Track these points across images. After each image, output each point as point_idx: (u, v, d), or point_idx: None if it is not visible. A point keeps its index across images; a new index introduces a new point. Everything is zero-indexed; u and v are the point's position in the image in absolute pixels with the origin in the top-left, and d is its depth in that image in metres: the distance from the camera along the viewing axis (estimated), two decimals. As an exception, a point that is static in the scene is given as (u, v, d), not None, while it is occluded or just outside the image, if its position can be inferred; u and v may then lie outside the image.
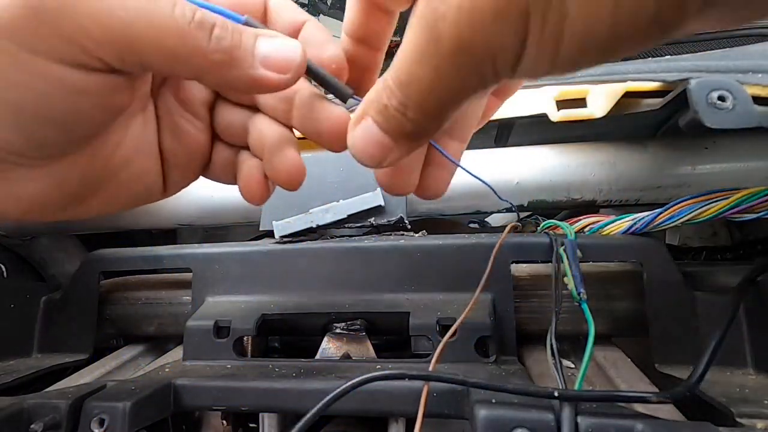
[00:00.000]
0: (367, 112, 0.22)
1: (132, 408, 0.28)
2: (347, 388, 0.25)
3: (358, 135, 0.22)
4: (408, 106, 0.20)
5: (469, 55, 0.17)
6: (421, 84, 0.19)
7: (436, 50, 0.17)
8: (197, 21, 0.22)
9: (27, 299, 0.45)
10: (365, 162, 0.23)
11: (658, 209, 0.37)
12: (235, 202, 0.51)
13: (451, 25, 0.17)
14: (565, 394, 0.24)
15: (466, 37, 0.17)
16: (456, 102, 0.20)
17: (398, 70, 0.19)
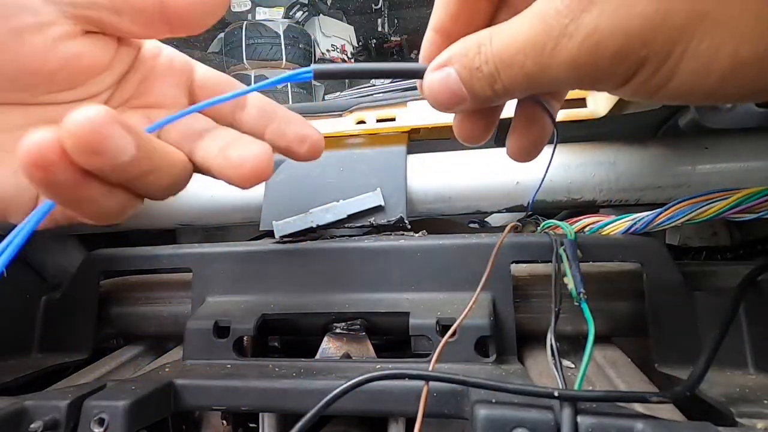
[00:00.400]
0: (452, 62, 0.23)
1: (132, 408, 0.28)
2: (347, 388, 0.25)
3: (436, 79, 0.24)
4: (498, 79, 0.22)
5: (577, 71, 0.19)
6: (522, 69, 0.20)
7: (549, 55, 0.19)
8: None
9: (27, 299, 0.45)
10: (435, 105, 0.25)
11: (658, 209, 0.37)
12: (235, 202, 0.51)
13: (573, 46, 0.19)
14: (565, 394, 0.24)
15: (582, 60, 0.19)
16: (546, 90, 0.22)
17: (502, 47, 0.21)
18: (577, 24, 0.18)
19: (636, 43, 0.18)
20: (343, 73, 0.28)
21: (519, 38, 0.20)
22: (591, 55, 0.18)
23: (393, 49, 5.25)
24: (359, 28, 4.86)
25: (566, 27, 0.19)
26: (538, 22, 0.20)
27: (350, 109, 0.53)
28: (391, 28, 5.06)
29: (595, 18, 0.18)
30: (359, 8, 4.75)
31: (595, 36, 0.18)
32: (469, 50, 0.23)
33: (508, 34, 0.21)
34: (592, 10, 0.18)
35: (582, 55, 0.19)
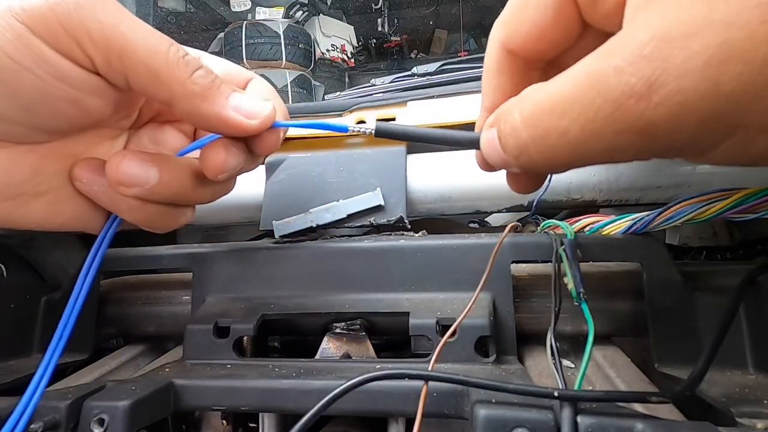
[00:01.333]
0: (496, 124, 0.22)
1: (132, 408, 0.28)
2: (347, 388, 0.25)
3: (486, 141, 0.23)
4: (526, 151, 0.19)
5: (647, 138, 0.17)
6: (564, 137, 0.18)
7: (604, 119, 0.17)
8: (185, 60, 0.26)
9: (27, 299, 0.45)
10: (492, 163, 0.24)
11: (658, 209, 0.37)
12: (235, 201, 0.51)
13: (646, 109, 0.16)
14: (565, 393, 0.24)
15: (657, 126, 0.16)
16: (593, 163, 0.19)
17: (535, 115, 0.18)
18: (649, 84, 0.15)
19: (732, 106, 0.15)
20: (404, 135, 0.29)
21: (560, 101, 0.17)
22: (671, 118, 0.16)
23: (393, 48, 5.26)
24: (359, 27, 4.86)
25: (633, 87, 0.16)
26: (589, 81, 0.17)
27: (350, 108, 0.53)
28: (391, 28, 5.06)
29: (676, 77, 0.15)
30: (359, 8, 4.74)
31: (678, 97, 0.15)
32: (504, 114, 0.21)
33: (544, 97, 0.18)
34: (669, 68, 0.15)
35: (658, 118, 0.16)
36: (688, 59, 0.15)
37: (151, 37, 0.24)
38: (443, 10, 4.83)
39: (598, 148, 0.18)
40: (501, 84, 0.24)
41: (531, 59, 0.23)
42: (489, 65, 0.24)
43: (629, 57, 0.16)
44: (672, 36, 0.15)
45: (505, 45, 0.23)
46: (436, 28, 5.18)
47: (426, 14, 4.94)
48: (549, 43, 0.22)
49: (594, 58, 0.17)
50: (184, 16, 4.06)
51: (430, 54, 5.38)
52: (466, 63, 1.07)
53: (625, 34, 0.17)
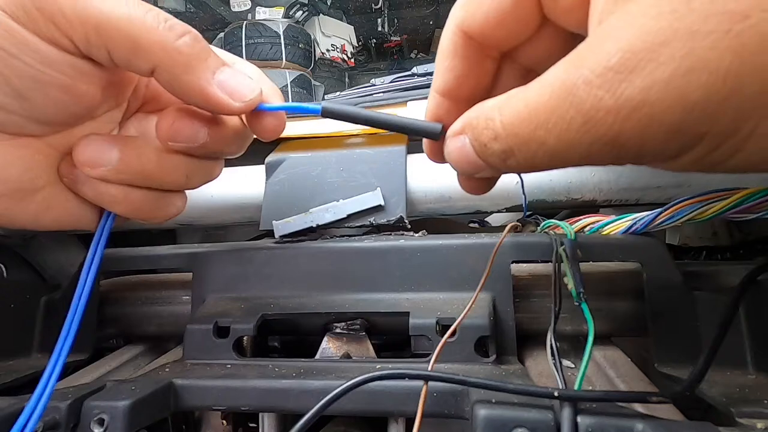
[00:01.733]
0: (465, 131, 0.22)
1: (132, 408, 0.28)
2: (347, 388, 0.25)
3: (455, 149, 0.23)
4: (512, 156, 0.19)
5: (618, 149, 0.17)
6: (543, 147, 0.18)
7: (577, 131, 0.17)
8: (168, 24, 0.25)
9: (27, 299, 0.45)
10: (457, 170, 0.24)
11: (658, 209, 0.37)
12: (235, 201, 0.51)
13: (614, 121, 0.16)
14: (565, 393, 0.24)
15: (625, 137, 0.16)
16: (573, 166, 0.19)
17: (516, 122, 0.19)
18: (616, 97, 0.16)
19: (698, 117, 0.15)
20: (350, 116, 0.28)
21: (537, 112, 0.18)
22: (638, 131, 0.16)
23: (393, 48, 5.26)
24: (359, 27, 4.86)
25: (601, 100, 0.16)
26: (562, 93, 0.17)
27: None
28: (391, 28, 5.06)
29: (642, 90, 0.15)
30: (359, 8, 4.74)
31: (645, 110, 0.15)
32: (478, 121, 0.21)
33: (523, 106, 0.18)
34: (635, 81, 0.15)
35: (626, 131, 0.16)
36: (654, 71, 0.15)
37: (126, 6, 0.24)
38: (443, 10, 4.83)
39: (574, 156, 0.18)
40: (454, 66, 0.24)
41: (487, 46, 0.23)
42: (444, 45, 0.24)
43: (596, 69, 0.16)
44: (637, 47, 0.15)
45: (461, 27, 0.23)
46: (436, 28, 5.18)
47: (426, 14, 4.94)
48: (506, 31, 0.22)
49: (565, 68, 0.17)
50: (184, 16, 4.06)
51: (430, 54, 5.38)
52: (466, 63, 1.06)
53: (593, 43, 0.17)
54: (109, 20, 0.24)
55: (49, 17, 0.23)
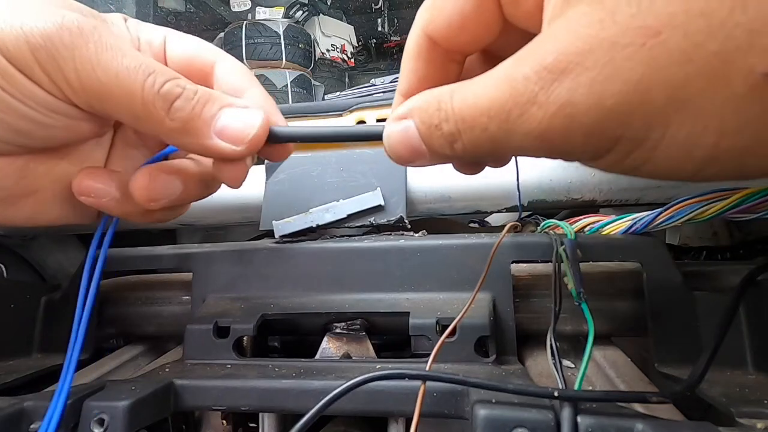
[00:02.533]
0: (412, 115, 0.22)
1: (132, 408, 0.28)
2: (347, 388, 0.25)
3: (396, 132, 0.23)
4: (459, 139, 0.20)
5: (545, 143, 0.18)
6: (485, 133, 0.19)
7: (514, 122, 0.18)
8: (163, 91, 0.25)
9: (27, 299, 0.45)
10: (394, 158, 0.24)
11: (658, 209, 0.37)
12: (235, 201, 0.51)
13: (543, 117, 0.17)
14: (565, 393, 0.24)
15: (551, 133, 0.17)
16: (514, 155, 0.20)
17: (464, 107, 0.20)
18: (547, 94, 0.17)
19: (612, 122, 0.16)
20: (301, 137, 0.28)
21: (482, 99, 0.19)
22: (562, 128, 0.17)
23: (393, 48, 5.25)
24: (359, 27, 4.85)
25: (536, 95, 0.17)
26: (505, 85, 0.18)
27: (350, 109, 0.53)
28: (391, 28, 5.05)
29: (568, 91, 0.16)
30: (359, 8, 4.74)
31: (568, 109, 0.17)
32: (429, 104, 0.21)
33: (471, 93, 0.20)
34: (564, 82, 0.16)
35: (552, 128, 0.17)
36: (580, 75, 0.16)
37: (128, 76, 0.24)
38: (443, 10, 4.83)
39: (511, 145, 0.19)
40: (417, 69, 0.25)
41: (450, 50, 0.24)
42: (409, 48, 0.25)
43: (535, 66, 0.17)
44: (569, 51, 0.16)
45: (425, 30, 0.23)
46: (436, 28, 5.18)
47: (426, 14, 4.93)
48: (469, 35, 0.23)
49: (512, 63, 0.18)
50: (184, 16, 4.06)
51: (430, 54, 5.37)
52: (466, 63, 1.07)
53: (537, 43, 0.18)
54: (112, 95, 0.24)
55: (53, 79, 0.24)
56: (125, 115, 0.25)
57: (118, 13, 0.30)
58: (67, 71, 0.23)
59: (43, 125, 0.26)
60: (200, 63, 0.31)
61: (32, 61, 0.23)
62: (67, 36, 0.23)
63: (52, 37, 0.23)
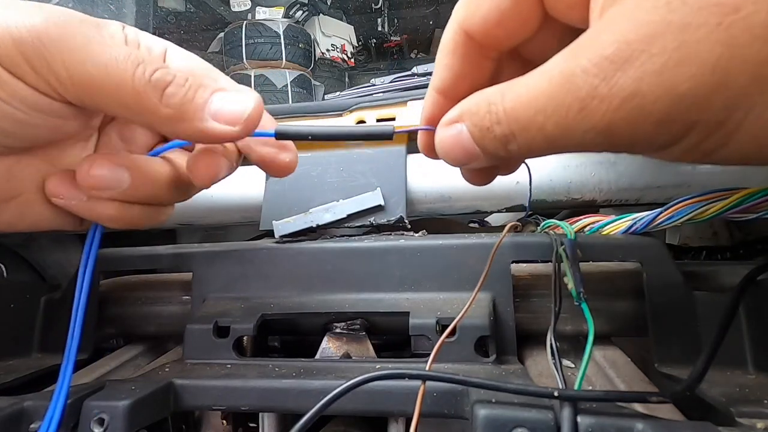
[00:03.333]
0: (463, 119, 0.22)
1: (132, 407, 0.28)
2: (347, 388, 0.25)
3: (448, 136, 0.23)
4: (513, 140, 0.20)
5: (610, 137, 0.17)
6: (541, 132, 0.18)
7: (574, 118, 0.17)
8: (154, 79, 0.24)
9: (27, 299, 0.45)
10: (448, 161, 0.24)
11: (658, 209, 0.37)
12: (235, 201, 0.51)
13: (607, 110, 0.16)
14: (565, 393, 0.24)
15: (617, 126, 0.17)
16: (571, 152, 0.20)
17: (517, 107, 0.19)
18: (609, 86, 0.16)
19: (686, 107, 0.15)
20: (306, 135, 0.28)
21: (537, 98, 0.18)
22: (629, 120, 0.16)
23: (393, 48, 5.26)
24: (359, 27, 4.86)
25: (596, 88, 0.16)
26: (561, 81, 0.17)
27: (350, 108, 0.53)
28: (391, 28, 5.06)
29: (634, 80, 0.16)
30: (359, 8, 4.74)
31: (635, 100, 0.16)
32: (479, 107, 0.21)
33: (524, 92, 0.19)
34: (628, 71, 0.16)
35: (618, 120, 0.16)
36: (646, 62, 0.15)
37: (117, 67, 0.23)
38: (443, 10, 4.82)
39: (570, 143, 0.18)
40: (452, 64, 0.24)
41: (486, 45, 0.23)
42: (444, 44, 0.24)
43: (594, 58, 0.16)
44: (632, 39, 0.16)
45: (462, 25, 0.23)
46: (436, 28, 5.18)
47: (426, 14, 4.94)
48: (507, 30, 0.22)
49: (565, 57, 0.18)
50: (184, 16, 4.06)
51: (430, 54, 5.38)
52: (466, 63, 1.07)
53: (592, 34, 0.17)
54: (103, 88, 0.23)
55: (41, 75, 0.23)
56: (117, 107, 0.25)
57: (119, 12, 0.30)
58: (55, 66, 0.23)
59: (28, 125, 0.25)
60: None
61: (18, 58, 0.23)
62: (54, 30, 0.23)
63: (38, 32, 0.23)
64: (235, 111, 0.26)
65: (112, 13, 1.62)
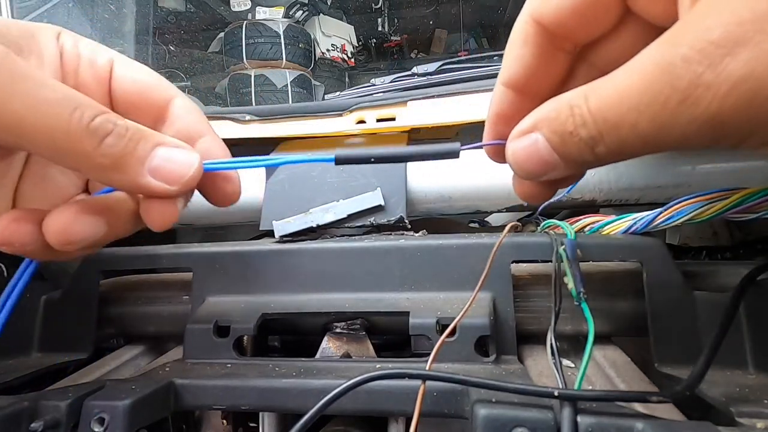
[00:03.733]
0: (539, 127, 0.21)
1: (132, 407, 0.28)
2: (347, 388, 0.25)
3: (522, 149, 0.21)
4: (601, 142, 0.19)
5: (719, 129, 0.16)
6: (634, 130, 0.17)
7: (673, 112, 0.16)
8: (93, 126, 0.22)
9: (27, 298, 0.45)
10: (522, 174, 0.22)
11: (658, 209, 0.37)
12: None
13: (715, 98, 0.15)
14: (565, 393, 0.24)
15: (727, 115, 0.15)
16: (665, 151, 0.18)
17: (605, 106, 0.18)
18: (716, 72, 0.15)
19: None
20: (368, 158, 0.26)
21: (628, 93, 0.17)
22: (740, 107, 0.15)
23: (393, 48, 5.26)
24: (359, 27, 4.85)
25: (700, 76, 0.15)
26: (657, 72, 0.16)
27: (350, 108, 0.53)
28: (392, 28, 5.05)
29: (746, 63, 0.14)
30: (359, 8, 4.74)
31: (748, 84, 0.14)
32: (559, 112, 0.20)
33: (612, 89, 0.18)
34: (740, 54, 0.14)
35: (727, 108, 0.15)
36: (762, 42, 0.14)
37: (50, 108, 0.21)
38: (443, 10, 4.83)
39: (668, 139, 0.17)
40: (523, 56, 0.23)
41: (560, 36, 0.22)
42: (515, 35, 0.23)
43: (696, 44, 0.15)
44: (744, 18, 0.14)
45: (534, 16, 0.22)
46: (436, 28, 5.18)
47: (426, 14, 4.94)
48: (583, 21, 0.21)
49: (658, 48, 0.16)
50: (184, 15, 4.06)
51: (430, 54, 5.38)
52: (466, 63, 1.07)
53: (689, 21, 0.16)
54: (33, 128, 0.21)
55: None
56: (44, 150, 0.22)
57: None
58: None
59: None
60: (156, 97, 0.29)
61: None
62: None
63: None
64: (175, 171, 0.24)
65: (112, 13, 1.62)
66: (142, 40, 1.85)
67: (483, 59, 1.23)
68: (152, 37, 2.16)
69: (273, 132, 0.53)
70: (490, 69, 0.83)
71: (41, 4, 1.39)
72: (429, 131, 0.51)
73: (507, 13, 4.04)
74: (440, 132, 0.51)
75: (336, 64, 4.64)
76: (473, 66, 0.97)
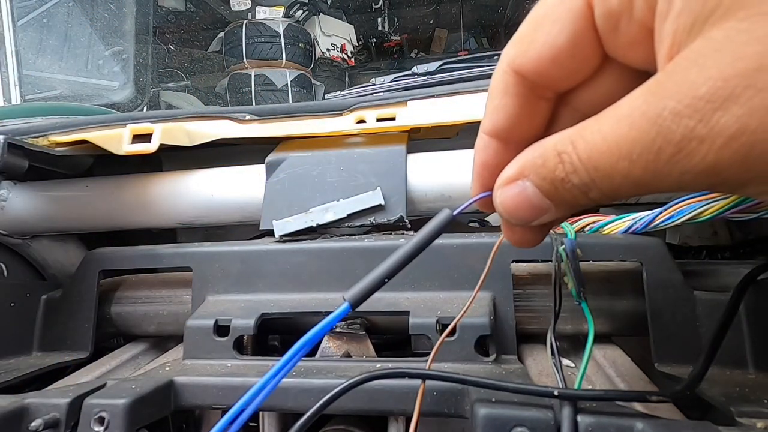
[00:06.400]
0: (525, 174, 0.21)
1: (132, 406, 0.28)
2: (347, 387, 0.25)
3: (510, 197, 0.21)
4: (595, 188, 0.18)
5: (714, 177, 0.16)
6: (628, 179, 0.17)
7: (667, 161, 0.16)
8: None
9: (27, 298, 0.45)
10: (513, 221, 0.22)
11: (658, 209, 0.37)
12: (236, 201, 0.51)
13: (710, 150, 0.15)
14: (565, 393, 0.24)
15: (724, 166, 0.15)
16: (658, 192, 0.18)
17: (595, 155, 0.18)
18: (709, 126, 0.15)
19: None
20: (376, 286, 0.24)
21: (617, 144, 0.17)
22: (736, 159, 0.15)
23: (393, 48, 5.26)
24: (359, 27, 4.85)
25: (693, 130, 0.15)
26: (646, 124, 0.16)
27: (350, 108, 0.53)
28: (391, 27, 5.05)
29: (739, 118, 0.14)
30: (359, 7, 4.74)
31: (743, 138, 0.15)
32: (546, 159, 0.19)
33: (599, 139, 0.18)
34: (731, 109, 0.15)
35: (722, 160, 0.15)
36: (752, 98, 0.14)
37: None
38: (443, 10, 4.83)
39: (663, 186, 0.17)
40: (504, 106, 0.23)
41: (541, 85, 0.22)
42: (494, 85, 0.23)
43: (684, 99, 0.15)
44: (729, 75, 0.15)
45: (513, 66, 0.22)
46: (436, 28, 5.18)
47: (426, 14, 4.94)
48: (562, 69, 0.21)
49: (645, 99, 0.17)
50: (184, 15, 4.05)
51: (430, 53, 5.38)
52: (466, 62, 1.07)
53: (672, 73, 0.16)
54: None
55: None
56: None
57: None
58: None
59: None
60: None
61: None
62: None
63: None
64: None
65: (112, 12, 1.62)
66: (142, 40, 1.85)
67: (483, 59, 1.23)
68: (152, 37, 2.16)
69: (273, 131, 0.53)
70: (489, 69, 0.83)
71: (41, 4, 1.39)
72: (429, 131, 0.51)
73: (507, 13, 4.04)
74: (440, 131, 0.51)
75: (336, 63, 4.64)
76: (473, 66, 0.97)
